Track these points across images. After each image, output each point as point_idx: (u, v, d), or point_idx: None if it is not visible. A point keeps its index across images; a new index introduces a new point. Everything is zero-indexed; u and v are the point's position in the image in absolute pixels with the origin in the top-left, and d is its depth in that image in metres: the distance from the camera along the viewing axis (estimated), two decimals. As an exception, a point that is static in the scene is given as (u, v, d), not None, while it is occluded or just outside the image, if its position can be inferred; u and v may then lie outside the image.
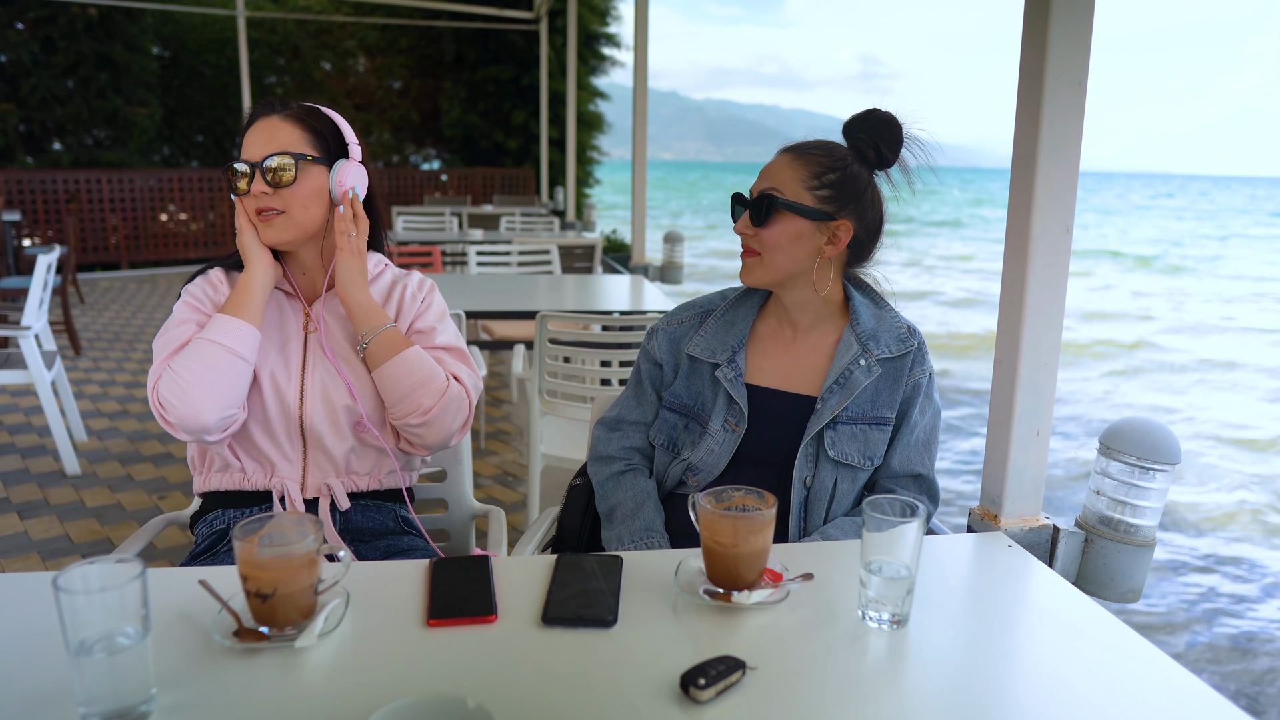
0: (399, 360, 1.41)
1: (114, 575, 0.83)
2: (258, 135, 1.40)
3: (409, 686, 0.89)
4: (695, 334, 1.50)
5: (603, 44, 13.47)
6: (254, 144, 1.40)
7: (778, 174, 1.39)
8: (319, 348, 1.46)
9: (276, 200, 1.39)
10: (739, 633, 1.01)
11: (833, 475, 1.40)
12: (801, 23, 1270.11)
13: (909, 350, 1.42)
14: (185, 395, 1.31)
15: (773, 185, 1.38)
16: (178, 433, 1.34)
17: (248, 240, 1.42)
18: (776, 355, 1.47)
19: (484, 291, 3.73)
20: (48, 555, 3.01)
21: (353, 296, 1.43)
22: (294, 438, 1.44)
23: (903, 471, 1.43)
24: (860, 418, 1.40)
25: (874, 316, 1.45)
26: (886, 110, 1.38)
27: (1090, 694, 0.91)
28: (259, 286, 1.41)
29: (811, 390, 1.43)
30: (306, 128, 1.42)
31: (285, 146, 1.39)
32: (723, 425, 1.44)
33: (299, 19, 13.00)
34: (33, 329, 3.61)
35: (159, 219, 10.22)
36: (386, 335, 1.42)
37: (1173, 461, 1.28)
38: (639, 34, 5.21)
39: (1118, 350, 10.23)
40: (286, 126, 1.41)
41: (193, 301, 1.45)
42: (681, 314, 1.54)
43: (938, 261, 20.16)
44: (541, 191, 11.50)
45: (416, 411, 1.42)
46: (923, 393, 1.43)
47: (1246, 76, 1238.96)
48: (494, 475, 3.85)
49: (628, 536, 1.43)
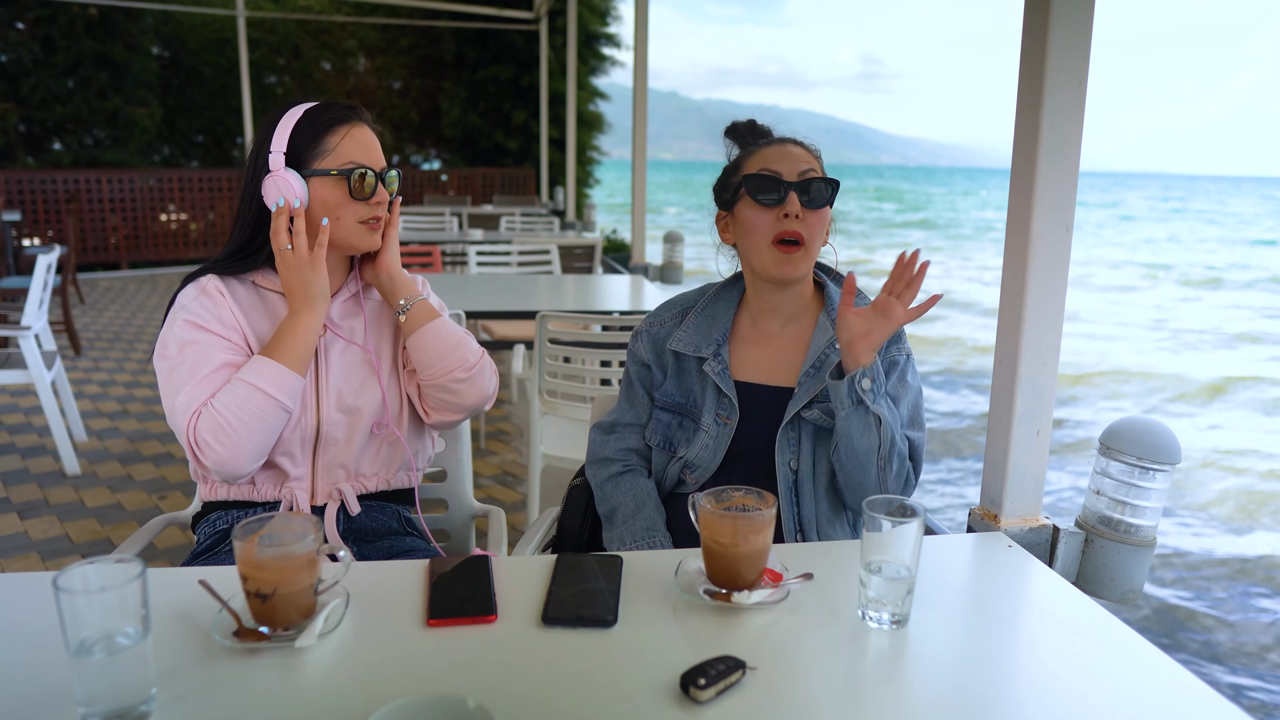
0: (440, 321, 1.48)
1: (114, 575, 0.83)
2: (364, 141, 1.40)
3: (409, 686, 0.89)
4: (677, 330, 1.51)
5: (603, 44, 13.47)
6: (367, 150, 1.40)
7: (809, 159, 1.43)
8: (334, 351, 1.45)
9: (383, 210, 1.43)
10: (739, 633, 1.01)
11: (813, 450, 1.41)
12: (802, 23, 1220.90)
13: None
14: (229, 443, 1.28)
15: (813, 169, 1.42)
16: (208, 471, 1.34)
17: (316, 279, 1.36)
18: (758, 350, 1.48)
19: (484, 291, 3.73)
20: (48, 555, 3.01)
21: (396, 265, 1.48)
22: (306, 445, 1.43)
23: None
24: None
25: None
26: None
27: (1090, 694, 0.91)
28: (315, 334, 1.37)
29: (792, 382, 1.45)
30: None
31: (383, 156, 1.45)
32: (715, 419, 1.45)
33: (299, 19, 12.99)
34: (33, 329, 3.61)
35: (159, 219, 10.22)
36: (423, 302, 1.48)
37: (1172, 461, 1.28)
38: (639, 34, 5.21)
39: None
40: (374, 137, 1.44)
41: (198, 321, 1.36)
42: (662, 313, 1.56)
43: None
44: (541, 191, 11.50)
45: (462, 366, 1.47)
46: (899, 369, 1.43)
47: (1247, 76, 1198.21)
48: (494, 475, 3.85)
49: (629, 537, 1.43)
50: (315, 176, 1.37)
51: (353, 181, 1.37)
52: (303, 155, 1.37)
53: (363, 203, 1.39)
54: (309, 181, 1.37)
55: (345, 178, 1.37)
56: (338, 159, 1.37)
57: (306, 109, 1.40)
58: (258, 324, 1.42)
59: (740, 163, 1.47)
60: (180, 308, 1.38)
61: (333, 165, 1.37)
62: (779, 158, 1.42)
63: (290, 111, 1.39)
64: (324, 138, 1.37)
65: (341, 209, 1.39)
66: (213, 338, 1.36)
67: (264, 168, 1.37)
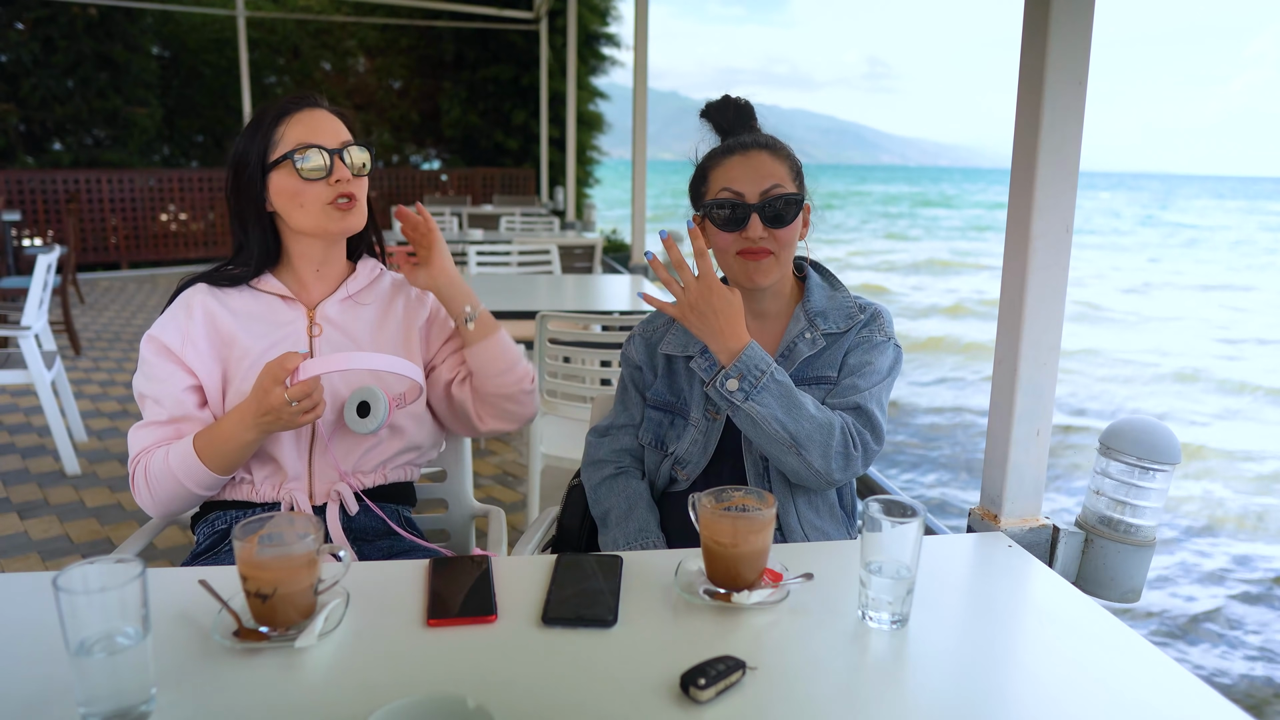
0: (504, 330, 1.49)
1: (114, 575, 0.83)
2: (313, 123, 1.40)
3: (409, 686, 0.89)
4: (668, 334, 1.53)
5: (603, 44, 13.47)
6: (316, 130, 1.39)
7: (774, 171, 1.40)
8: (328, 349, 1.44)
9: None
10: (739, 633, 1.01)
11: None
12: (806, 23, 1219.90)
13: (855, 324, 1.44)
14: (149, 500, 1.38)
15: (777, 183, 1.39)
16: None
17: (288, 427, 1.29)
18: None
19: (484, 291, 3.72)
20: (48, 555, 3.01)
21: (453, 269, 1.47)
22: (303, 446, 1.43)
23: (845, 405, 1.38)
24: (800, 380, 1.42)
25: (828, 297, 1.48)
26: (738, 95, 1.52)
27: (1090, 694, 0.91)
28: (253, 449, 1.34)
29: None
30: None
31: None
32: (703, 414, 1.46)
33: (299, 19, 13.00)
34: (33, 329, 3.61)
35: (159, 219, 10.22)
36: (485, 310, 1.48)
37: (1172, 461, 1.28)
38: (639, 34, 5.21)
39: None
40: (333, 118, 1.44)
41: (166, 344, 1.39)
42: (656, 319, 1.57)
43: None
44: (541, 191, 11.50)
45: (527, 376, 1.51)
46: (870, 346, 1.41)
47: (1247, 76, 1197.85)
48: (494, 475, 3.85)
49: (623, 539, 1.44)
50: (273, 169, 1.38)
51: (297, 162, 1.36)
52: (259, 155, 1.38)
53: (320, 183, 1.37)
54: (269, 175, 1.38)
55: (290, 160, 1.36)
56: (285, 146, 1.37)
57: (259, 109, 1.42)
58: (255, 332, 1.42)
59: (706, 172, 1.45)
60: (159, 322, 1.42)
61: (283, 152, 1.37)
62: (742, 172, 1.39)
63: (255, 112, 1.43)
64: (272, 131, 1.38)
65: (302, 195, 1.37)
66: (171, 370, 1.39)
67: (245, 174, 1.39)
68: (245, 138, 1.40)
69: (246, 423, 1.28)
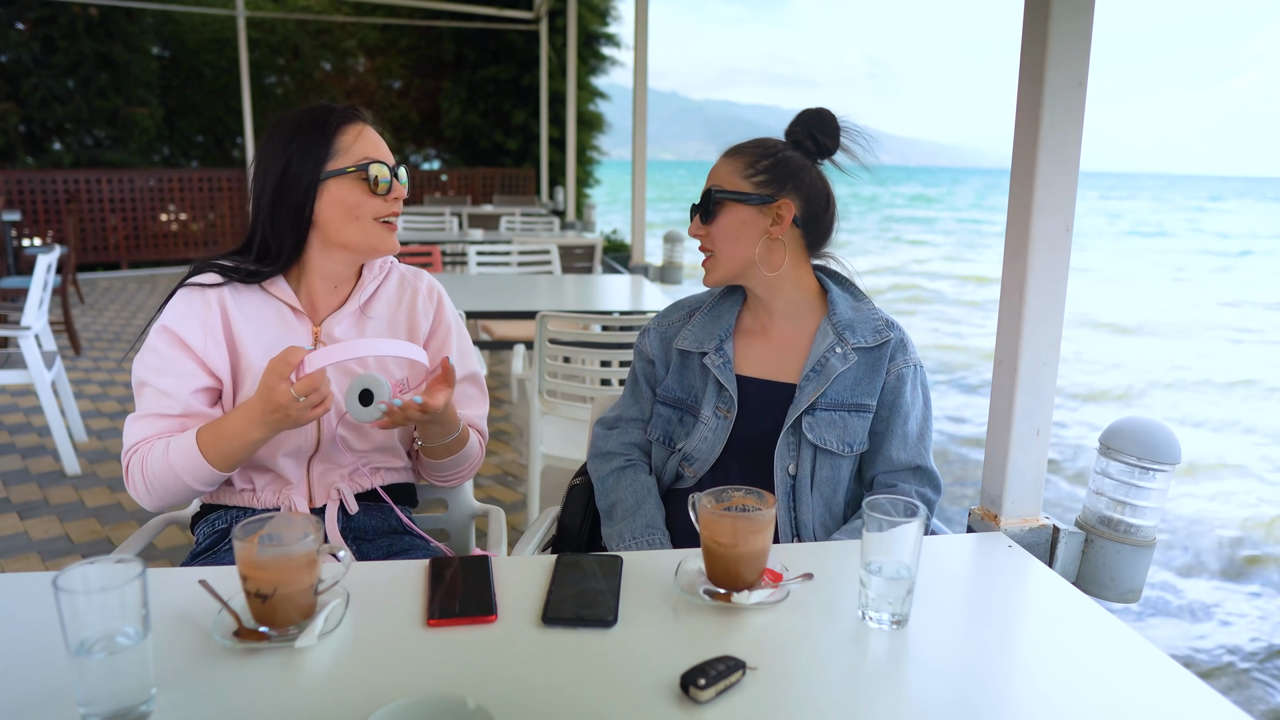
0: (463, 454, 1.51)
1: (114, 575, 0.83)
2: (374, 139, 1.42)
3: (409, 686, 0.89)
4: (684, 329, 1.53)
5: (603, 44, 13.46)
6: (378, 147, 1.42)
7: (716, 172, 1.46)
8: (336, 368, 1.42)
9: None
10: (739, 633, 1.01)
11: (814, 462, 1.42)
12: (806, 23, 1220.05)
13: (886, 340, 1.44)
14: (145, 493, 1.35)
15: (714, 183, 1.45)
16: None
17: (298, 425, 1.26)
18: (758, 345, 1.49)
19: (484, 291, 3.73)
20: (48, 555, 3.01)
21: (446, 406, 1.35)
22: (303, 454, 1.43)
23: (902, 465, 1.44)
24: (839, 404, 1.42)
25: (852, 309, 1.48)
26: (821, 106, 1.48)
27: (1090, 694, 0.91)
28: (257, 448, 1.32)
29: (792, 378, 1.45)
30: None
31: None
32: (714, 412, 1.46)
33: (299, 19, 12.98)
34: (33, 329, 3.61)
35: (159, 219, 10.22)
36: (462, 433, 1.47)
37: (1173, 461, 1.28)
38: (639, 34, 5.21)
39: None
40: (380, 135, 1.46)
41: (178, 333, 1.36)
42: (671, 314, 1.58)
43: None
44: (541, 191, 11.50)
45: (455, 479, 1.59)
46: (909, 383, 1.44)
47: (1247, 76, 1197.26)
48: (494, 475, 3.85)
49: (629, 533, 1.44)
50: (332, 178, 1.36)
51: (371, 176, 1.37)
52: (316, 158, 1.36)
53: (381, 199, 1.39)
54: (325, 184, 1.36)
55: (364, 173, 1.37)
56: (352, 157, 1.37)
57: (309, 111, 1.39)
58: (263, 334, 1.40)
59: None
60: (170, 309, 1.39)
61: (349, 163, 1.36)
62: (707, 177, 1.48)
63: (294, 116, 1.38)
64: (335, 138, 1.37)
65: (360, 207, 1.38)
66: (184, 360, 1.36)
67: (294, 178, 1.35)
68: (295, 143, 1.35)
69: (254, 421, 1.25)
